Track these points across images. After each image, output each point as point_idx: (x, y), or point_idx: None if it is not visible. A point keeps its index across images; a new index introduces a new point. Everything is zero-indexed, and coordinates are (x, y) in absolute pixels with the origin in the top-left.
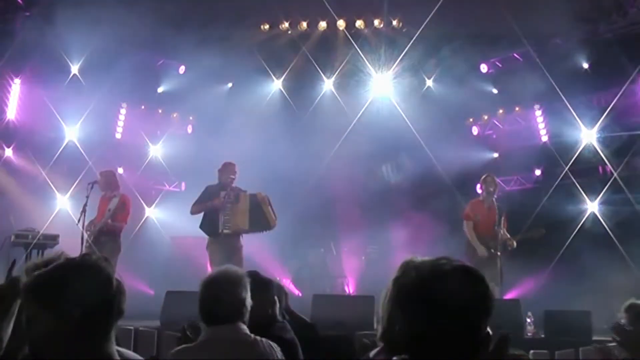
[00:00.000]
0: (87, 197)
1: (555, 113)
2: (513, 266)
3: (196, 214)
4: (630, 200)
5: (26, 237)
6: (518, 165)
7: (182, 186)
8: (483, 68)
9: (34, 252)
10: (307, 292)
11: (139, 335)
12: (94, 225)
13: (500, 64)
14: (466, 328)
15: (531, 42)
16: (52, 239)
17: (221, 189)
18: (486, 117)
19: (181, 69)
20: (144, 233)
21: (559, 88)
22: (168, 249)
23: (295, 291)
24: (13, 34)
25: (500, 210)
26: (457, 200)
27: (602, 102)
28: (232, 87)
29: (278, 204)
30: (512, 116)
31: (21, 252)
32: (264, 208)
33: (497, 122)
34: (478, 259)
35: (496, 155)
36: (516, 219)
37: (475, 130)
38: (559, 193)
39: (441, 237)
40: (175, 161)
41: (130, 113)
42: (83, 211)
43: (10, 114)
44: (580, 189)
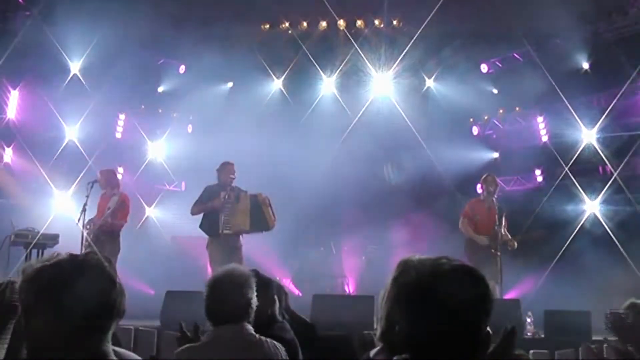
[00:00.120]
0: (87, 197)
1: (555, 113)
2: (513, 266)
3: (196, 215)
4: (630, 200)
5: (26, 237)
6: (518, 165)
7: (182, 186)
8: (483, 68)
9: (34, 252)
10: (307, 292)
11: (139, 335)
12: (94, 223)
13: (500, 64)
14: (466, 328)
15: (531, 42)
16: (52, 239)
17: (221, 189)
18: (486, 117)
19: (181, 69)
20: (144, 233)
21: (559, 88)
22: (168, 249)
23: (295, 291)
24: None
25: (500, 210)
26: (457, 200)
27: (602, 102)
28: (233, 87)
29: (278, 204)
30: (512, 116)
31: (21, 252)
32: (264, 209)
33: (497, 122)
34: (478, 259)
35: (496, 155)
36: (516, 219)
37: (475, 130)
38: (559, 193)
39: (441, 237)
40: (175, 161)
41: (130, 113)
42: (83, 211)
43: (10, 114)
44: (580, 189)
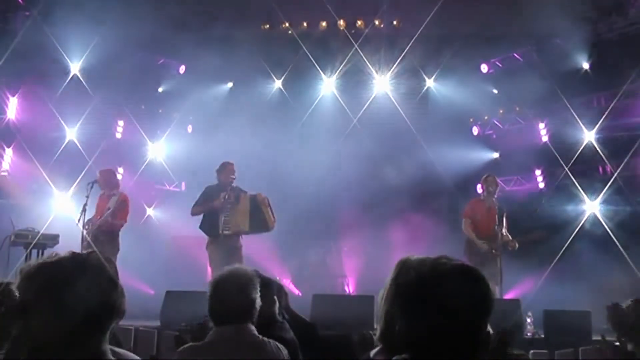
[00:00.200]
0: (87, 197)
1: (555, 113)
2: (513, 266)
3: (196, 215)
4: (630, 200)
5: (26, 237)
6: (518, 165)
7: (182, 186)
8: (483, 68)
9: (34, 252)
10: (307, 292)
11: (139, 335)
12: (93, 223)
13: (500, 64)
14: (466, 328)
15: (531, 42)
16: (52, 239)
17: (221, 190)
18: (486, 117)
19: (181, 69)
20: (144, 233)
21: (559, 88)
22: (168, 249)
23: (295, 291)
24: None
25: (500, 210)
26: (457, 200)
27: (602, 102)
28: (232, 87)
29: (278, 204)
30: (512, 116)
31: (21, 252)
32: (264, 209)
33: (498, 122)
34: (478, 258)
35: (496, 155)
36: (516, 219)
37: (475, 130)
38: (559, 193)
39: (441, 237)
40: (175, 161)
41: (130, 113)
42: (83, 211)
43: (10, 114)
44: (580, 189)
